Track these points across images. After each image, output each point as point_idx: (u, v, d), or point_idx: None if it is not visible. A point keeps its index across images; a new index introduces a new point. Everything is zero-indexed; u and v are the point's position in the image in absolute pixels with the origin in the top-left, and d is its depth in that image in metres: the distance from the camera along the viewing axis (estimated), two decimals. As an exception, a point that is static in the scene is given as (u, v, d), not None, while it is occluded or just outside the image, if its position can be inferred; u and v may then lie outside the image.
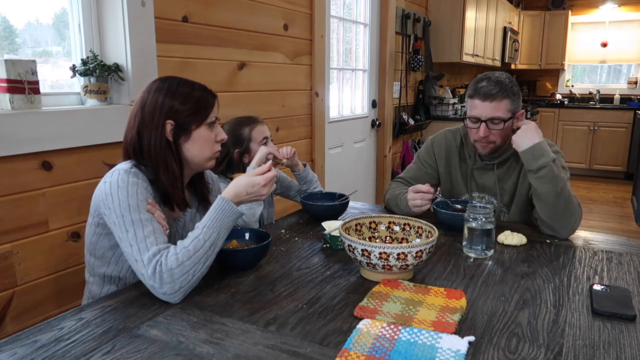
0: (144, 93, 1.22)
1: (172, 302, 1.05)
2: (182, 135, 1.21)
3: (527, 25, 6.93)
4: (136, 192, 1.11)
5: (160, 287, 1.03)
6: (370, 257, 1.11)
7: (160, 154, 1.19)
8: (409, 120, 4.29)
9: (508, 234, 1.46)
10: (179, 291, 1.04)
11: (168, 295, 1.04)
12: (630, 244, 1.48)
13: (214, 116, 1.25)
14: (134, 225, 1.08)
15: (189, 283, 1.05)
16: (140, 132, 1.20)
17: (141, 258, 1.05)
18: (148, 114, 1.19)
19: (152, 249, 1.06)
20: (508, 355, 0.86)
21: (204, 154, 1.24)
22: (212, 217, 1.11)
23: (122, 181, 1.11)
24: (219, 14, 2.18)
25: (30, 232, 1.54)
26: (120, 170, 1.14)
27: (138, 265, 1.05)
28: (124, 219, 1.08)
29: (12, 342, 0.89)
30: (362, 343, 0.87)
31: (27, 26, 1.72)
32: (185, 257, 1.04)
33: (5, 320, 1.49)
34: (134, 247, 1.06)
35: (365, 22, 3.72)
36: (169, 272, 1.02)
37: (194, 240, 1.07)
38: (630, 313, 1.00)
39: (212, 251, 1.10)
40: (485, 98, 1.56)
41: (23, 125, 1.47)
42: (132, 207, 1.09)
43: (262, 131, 1.78)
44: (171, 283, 1.03)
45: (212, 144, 1.26)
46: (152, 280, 1.03)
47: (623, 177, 6.28)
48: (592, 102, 6.83)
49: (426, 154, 1.85)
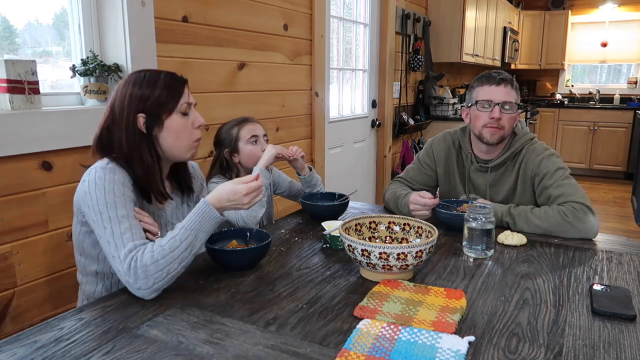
0: (114, 92, 1.23)
1: (146, 298, 1.06)
2: (155, 125, 1.21)
3: (527, 25, 6.93)
4: (112, 189, 1.12)
5: (135, 283, 1.04)
6: (370, 257, 1.11)
7: (134, 148, 1.19)
8: (409, 120, 4.29)
9: (508, 234, 1.46)
10: (152, 287, 1.05)
11: (142, 291, 1.05)
12: (630, 244, 1.48)
13: (184, 102, 1.23)
14: (111, 222, 1.09)
15: (162, 281, 1.06)
16: (110, 129, 1.20)
17: (118, 254, 1.06)
18: (118, 110, 1.19)
19: (128, 245, 1.07)
20: (508, 355, 0.86)
21: (182, 143, 1.24)
22: (192, 219, 1.11)
23: (99, 179, 1.13)
24: (218, 14, 2.18)
25: (30, 232, 1.54)
26: (97, 168, 1.15)
27: (115, 262, 1.07)
28: (101, 216, 1.10)
29: (12, 342, 0.89)
30: (362, 343, 0.87)
31: (27, 26, 1.72)
32: (160, 256, 1.05)
33: (5, 320, 1.49)
34: (111, 244, 1.08)
35: (365, 22, 3.72)
36: (144, 268, 1.04)
37: (171, 240, 1.08)
38: (630, 313, 1.00)
39: (189, 252, 1.10)
40: (499, 83, 1.64)
41: (23, 125, 1.47)
42: (109, 204, 1.10)
43: (251, 130, 1.76)
44: (145, 279, 1.04)
45: (188, 131, 1.24)
46: (127, 276, 1.04)
47: (623, 177, 6.28)
48: (592, 102, 6.83)
49: (426, 155, 1.86)
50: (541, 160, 1.62)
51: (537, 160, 1.63)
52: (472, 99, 1.69)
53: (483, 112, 1.64)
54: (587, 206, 1.49)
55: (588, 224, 1.48)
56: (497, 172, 1.71)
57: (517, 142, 1.69)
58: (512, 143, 1.69)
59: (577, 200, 1.50)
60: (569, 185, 1.55)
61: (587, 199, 1.51)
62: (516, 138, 1.70)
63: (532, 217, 1.52)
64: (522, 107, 5.69)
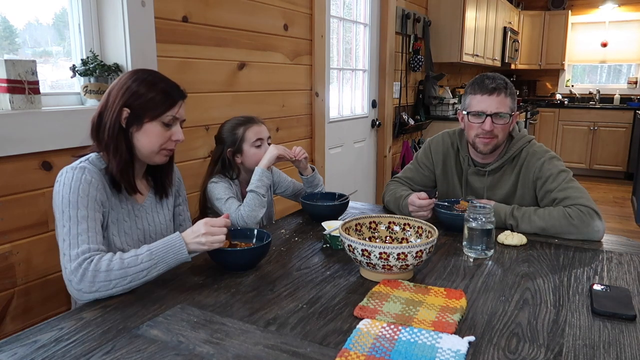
0: (117, 79, 1.25)
1: (81, 300, 1.06)
2: (135, 124, 1.22)
3: (527, 25, 6.93)
4: (77, 188, 1.13)
5: (78, 283, 1.05)
6: (370, 257, 1.11)
7: (112, 137, 1.21)
8: (409, 120, 4.29)
9: (508, 234, 1.46)
10: (92, 294, 1.05)
11: (82, 293, 1.05)
12: (630, 244, 1.48)
13: (172, 115, 1.24)
14: (70, 221, 1.11)
15: (105, 292, 1.06)
16: (101, 114, 1.22)
17: (69, 253, 1.08)
18: (112, 97, 1.22)
19: (82, 246, 1.08)
20: (508, 355, 0.86)
21: (151, 147, 1.24)
22: (159, 246, 1.12)
23: (67, 178, 1.15)
24: (219, 14, 2.18)
25: (30, 232, 1.54)
26: (68, 168, 1.17)
27: (64, 260, 1.08)
28: (62, 214, 1.12)
29: (12, 342, 0.89)
30: (362, 343, 0.87)
31: (27, 26, 1.72)
32: (116, 267, 1.06)
33: (5, 320, 1.49)
34: (66, 242, 1.09)
35: (365, 22, 3.72)
36: (94, 272, 1.05)
37: (132, 257, 1.09)
38: (630, 313, 1.00)
39: (143, 276, 1.09)
40: (492, 93, 1.59)
41: (23, 125, 1.47)
42: (71, 202, 1.12)
43: (257, 132, 1.74)
44: (90, 283, 1.05)
45: (162, 140, 1.25)
46: (72, 275, 1.05)
47: (623, 177, 6.28)
48: (592, 102, 6.83)
49: (424, 155, 1.86)
50: (543, 163, 1.61)
51: (538, 164, 1.62)
52: (465, 106, 1.67)
53: (475, 123, 1.62)
54: (594, 210, 1.48)
55: (594, 228, 1.47)
56: (495, 175, 1.70)
57: (515, 145, 1.68)
58: (510, 146, 1.68)
59: (584, 203, 1.49)
60: (574, 188, 1.54)
61: (593, 202, 1.51)
62: (514, 141, 1.69)
63: (536, 218, 1.51)
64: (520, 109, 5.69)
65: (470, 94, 1.64)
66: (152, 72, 1.27)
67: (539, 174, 1.62)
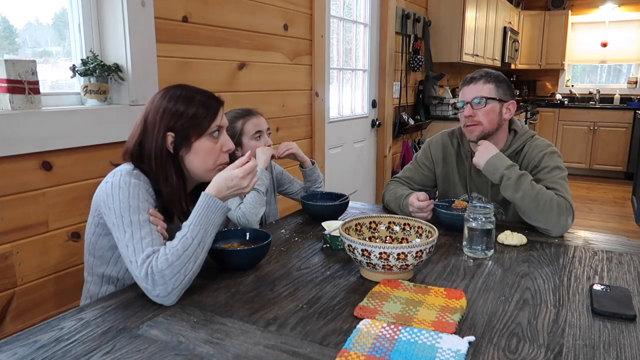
0: (149, 103, 1.21)
1: (167, 305, 1.04)
2: (183, 146, 1.18)
3: (527, 25, 6.93)
4: (137, 194, 1.10)
5: (153, 289, 1.02)
6: (370, 257, 1.11)
7: (161, 165, 1.17)
8: (409, 120, 4.29)
9: (508, 234, 1.46)
10: (172, 293, 1.03)
11: (162, 298, 1.02)
12: (630, 244, 1.48)
13: (216, 125, 1.20)
14: (132, 226, 1.07)
15: (182, 284, 1.04)
16: (142, 143, 1.18)
17: (135, 259, 1.04)
18: (150, 124, 1.18)
19: (146, 250, 1.05)
20: (508, 355, 0.86)
21: (206, 166, 1.21)
22: (198, 214, 1.09)
23: (123, 182, 1.11)
24: (219, 14, 2.18)
25: (30, 232, 1.54)
26: (122, 171, 1.14)
27: (132, 267, 1.05)
28: (122, 219, 1.08)
29: (12, 342, 0.89)
30: (362, 343, 0.87)
31: (27, 26, 1.72)
32: (174, 257, 1.03)
33: (5, 320, 1.49)
34: (130, 248, 1.06)
35: (365, 22, 3.72)
36: (160, 273, 1.01)
37: (182, 240, 1.05)
38: (630, 313, 1.00)
39: (202, 249, 1.07)
40: (470, 82, 1.68)
41: (23, 125, 1.46)
42: (132, 208, 1.09)
43: (256, 124, 1.73)
44: (163, 285, 1.01)
45: (215, 155, 1.21)
46: (145, 282, 1.02)
47: (623, 177, 6.28)
48: (592, 102, 6.83)
49: (423, 155, 1.86)
50: (543, 155, 1.63)
51: (539, 155, 1.64)
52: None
53: (461, 114, 1.70)
54: (573, 210, 1.53)
55: (566, 223, 1.51)
56: None
57: (517, 140, 1.70)
58: (513, 141, 1.70)
59: (568, 199, 1.52)
60: (563, 185, 1.57)
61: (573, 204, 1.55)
62: (517, 136, 1.70)
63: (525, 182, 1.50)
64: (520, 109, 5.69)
65: (459, 92, 1.74)
66: (183, 86, 1.22)
67: (536, 163, 1.64)
